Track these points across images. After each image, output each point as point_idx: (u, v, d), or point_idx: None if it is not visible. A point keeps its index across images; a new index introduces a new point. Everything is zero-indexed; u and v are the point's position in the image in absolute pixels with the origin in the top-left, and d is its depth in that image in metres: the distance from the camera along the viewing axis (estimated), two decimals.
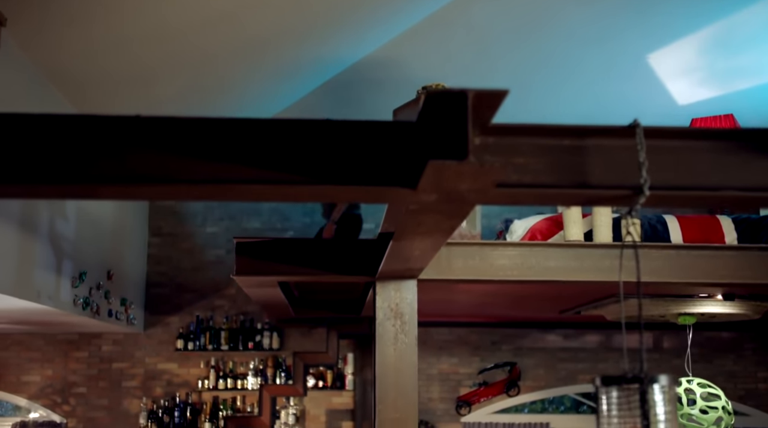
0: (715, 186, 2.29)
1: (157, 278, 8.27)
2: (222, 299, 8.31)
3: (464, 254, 4.18)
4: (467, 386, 8.35)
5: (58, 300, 5.51)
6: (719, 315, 5.78)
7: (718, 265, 4.21)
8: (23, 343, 8.11)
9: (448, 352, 8.38)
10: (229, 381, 8.01)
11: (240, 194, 2.27)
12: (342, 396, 8.21)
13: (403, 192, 2.23)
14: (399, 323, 4.06)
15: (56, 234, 5.49)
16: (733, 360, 8.41)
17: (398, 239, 3.00)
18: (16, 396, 8.04)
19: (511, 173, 2.27)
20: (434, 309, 6.28)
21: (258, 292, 4.81)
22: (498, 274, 4.15)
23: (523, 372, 8.38)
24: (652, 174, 2.18)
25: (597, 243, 4.25)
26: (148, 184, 2.18)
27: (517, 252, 4.20)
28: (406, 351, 4.05)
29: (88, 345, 8.13)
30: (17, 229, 4.81)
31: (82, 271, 5.99)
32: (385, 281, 4.07)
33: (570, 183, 2.28)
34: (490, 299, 5.69)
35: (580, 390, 8.49)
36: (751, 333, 8.47)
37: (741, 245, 4.28)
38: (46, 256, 5.30)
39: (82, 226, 6.09)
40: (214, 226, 8.46)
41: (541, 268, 4.20)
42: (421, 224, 2.71)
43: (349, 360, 8.12)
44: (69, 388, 8.09)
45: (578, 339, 8.47)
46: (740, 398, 8.35)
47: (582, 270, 4.19)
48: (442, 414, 8.26)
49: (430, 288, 4.76)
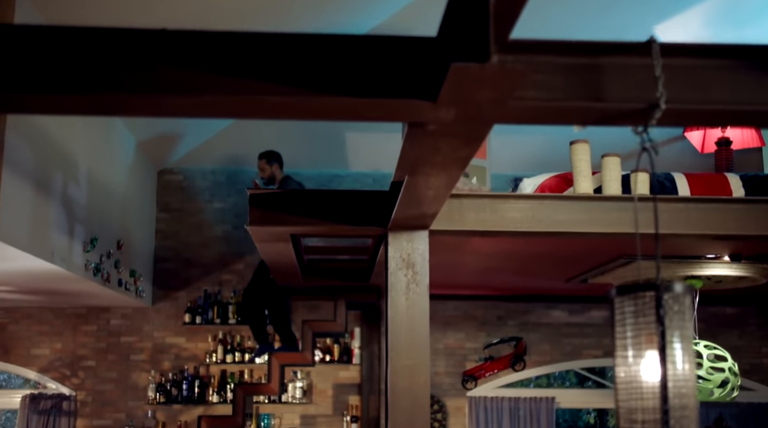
0: (729, 102, 2.34)
1: (165, 253, 8.33)
2: (230, 274, 8.36)
3: (476, 207, 4.23)
4: (473, 360, 8.40)
5: (71, 262, 5.56)
6: (726, 281, 5.83)
7: (726, 218, 4.25)
8: (33, 316, 8.17)
9: (454, 327, 8.43)
10: (236, 354, 8.06)
11: (265, 108, 2.31)
12: (349, 370, 8.26)
13: (422, 105, 2.28)
14: (411, 273, 4.11)
15: (68, 197, 5.55)
16: (738, 335, 8.45)
17: (413, 174, 3.05)
18: (26, 369, 8.09)
19: (528, 89, 2.33)
20: (442, 277, 6.32)
21: (270, 249, 4.85)
22: (509, 226, 4.20)
23: (529, 346, 8.43)
24: (667, 90, 2.22)
25: (607, 196, 4.30)
26: (176, 95, 2.24)
27: (528, 205, 4.25)
28: (417, 300, 4.10)
29: (96, 318, 8.19)
30: (32, 187, 4.86)
31: (94, 237, 6.04)
32: (397, 231, 4.12)
33: (586, 98, 2.33)
34: (498, 262, 5.73)
35: (586, 365, 8.54)
36: (756, 308, 8.52)
37: (749, 198, 4.33)
38: (58, 217, 5.35)
39: (93, 193, 6.14)
40: (222, 202, 8.51)
41: (550, 221, 4.25)
42: (437, 151, 2.75)
43: (356, 334, 8.17)
44: (78, 361, 8.14)
45: (584, 315, 8.52)
46: (745, 373, 8.38)
47: (591, 223, 4.24)
48: (448, 388, 8.31)
49: (440, 247, 4.81)
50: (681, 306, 2.19)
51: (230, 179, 8.52)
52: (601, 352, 8.48)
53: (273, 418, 8.09)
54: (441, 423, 8.19)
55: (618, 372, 2.21)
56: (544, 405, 8.20)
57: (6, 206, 4.32)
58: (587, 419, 10.18)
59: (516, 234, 4.26)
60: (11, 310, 8.12)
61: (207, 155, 8.29)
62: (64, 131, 5.47)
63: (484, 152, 4.68)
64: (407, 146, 3.10)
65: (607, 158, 4.44)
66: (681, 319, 2.19)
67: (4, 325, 8.08)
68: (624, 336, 2.22)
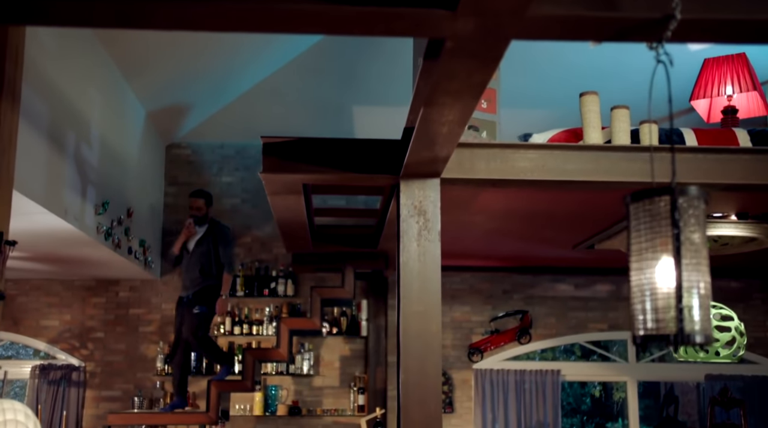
0: (746, 12, 2.39)
1: (173, 227, 8.37)
2: (238, 247, 8.41)
3: (486, 157, 4.28)
4: (479, 333, 8.46)
5: (83, 223, 5.62)
6: (732, 243, 5.88)
7: (734, 168, 4.30)
8: (42, 288, 8.23)
9: (461, 300, 8.49)
10: (244, 326, 8.12)
11: (286, 19, 2.36)
12: (356, 343, 8.31)
13: (442, 15, 2.33)
14: (422, 220, 4.16)
15: (81, 158, 5.60)
16: (743, 309, 8.48)
17: (429, 105, 3.10)
18: (36, 340, 8.16)
19: (543, 3, 2.38)
20: (450, 243, 6.37)
21: (281, 204, 4.90)
22: (518, 175, 4.25)
23: (535, 320, 8.48)
24: (683, 3, 2.26)
25: (617, 145, 4.35)
26: (200, 2, 2.28)
27: (538, 155, 4.30)
28: (429, 247, 4.15)
29: (105, 291, 8.25)
30: (46, 143, 4.92)
31: (105, 200, 6.10)
32: (409, 179, 4.17)
33: (603, 9, 2.38)
34: (506, 223, 5.78)
35: (591, 339, 8.59)
36: (760, 282, 8.57)
37: (757, 148, 4.37)
38: (72, 177, 5.40)
39: (105, 158, 6.20)
40: (230, 176, 8.56)
41: (560, 170, 4.30)
42: (454, 77, 2.80)
43: (363, 306, 8.23)
44: (87, 333, 8.21)
45: (589, 288, 8.56)
46: (750, 346, 8.40)
47: (600, 172, 4.29)
48: (454, 360, 8.37)
49: (450, 205, 4.86)
50: (696, 210, 2.24)
51: (238, 154, 8.58)
52: (606, 326, 8.54)
53: (281, 389, 8.15)
54: (447, 395, 8.25)
55: (632, 277, 2.25)
56: (549, 377, 8.25)
57: (22, 157, 4.37)
58: (593, 392, 10.25)
59: (525, 184, 4.31)
60: (21, 282, 8.18)
61: (215, 129, 8.34)
62: (77, 92, 5.52)
63: (494, 107, 4.72)
64: (423, 78, 3.15)
65: (616, 110, 4.48)
66: (695, 223, 2.23)
67: (14, 297, 8.14)
68: (639, 241, 2.27)
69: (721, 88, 6.23)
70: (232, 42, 6.77)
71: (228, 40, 6.71)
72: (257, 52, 7.33)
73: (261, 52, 7.36)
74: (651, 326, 2.21)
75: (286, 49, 7.45)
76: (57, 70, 5.12)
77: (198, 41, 6.52)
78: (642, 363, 8.65)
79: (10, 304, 8.10)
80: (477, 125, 4.67)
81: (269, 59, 7.51)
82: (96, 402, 8.04)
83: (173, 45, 6.42)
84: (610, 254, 6.67)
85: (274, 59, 7.54)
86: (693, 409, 10.55)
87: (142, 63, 6.66)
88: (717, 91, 6.23)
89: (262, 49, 7.31)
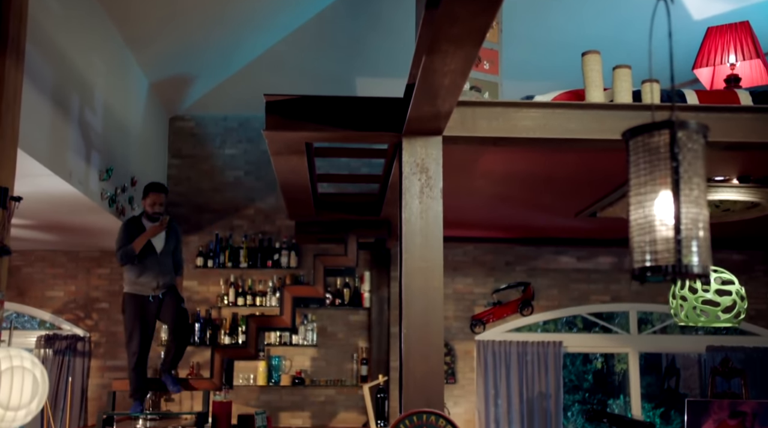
0: None
1: (176, 198, 8.41)
2: (241, 219, 8.46)
3: (488, 115, 4.29)
4: (482, 305, 8.50)
5: (88, 187, 5.65)
6: (734, 209, 5.90)
7: (736, 126, 4.32)
8: (47, 259, 8.28)
9: (463, 272, 8.52)
10: (248, 297, 8.17)
11: None
12: (359, 314, 8.36)
13: None
14: (425, 177, 4.19)
15: (85, 123, 5.63)
16: (745, 281, 8.49)
17: (431, 53, 3.11)
18: (41, 311, 8.22)
19: None
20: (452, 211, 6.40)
21: (284, 165, 4.92)
22: (521, 133, 4.27)
23: (537, 292, 8.52)
24: None
25: (619, 104, 4.36)
26: None
27: (540, 113, 4.32)
28: (431, 204, 4.18)
29: (109, 262, 8.29)
30: (50, 105, 4.94)
31: (109, 167, 6.13)
32: (411, 137, 4.19)
33: None
34: (508, 189, 5.80)
35: (593, 311, 8.63)
36: (762, 253, 8.59)
37: (757, 106, 4.38)
38: (76, 140, 5.43)
39: (109, 125, 6.23)
40: (233, 148, 8.59)
41: (562, 129, 4.32)
42: (456, 21, 2.82)
43: (366, 278, 8.27)
44: (92, 303, 8.26)
45: (591, 261, 8.59)
46: (751, 318, 8.48)
47: (603, 131, 4.31)
48: (456, 332, 8.41)
49: (452, 168, 4.88)
50: (695, 144, 2.26)
51: (242, 126, 8.60)
52: (609, 297, 8.57)
53: (284, 360, 8.20)
54: (450, 365, 8.30)
55: (632, 211, 2.26)
56: (551, 348, 8.30)
57: (26, 118, 4.39)
58: (595, 365, 10.30)
59: (528, 142, 4.32)
60: (26, 253, 8.23)
61: (218, 101, 8.36)
62: (81, 57, 5.54)
63: (497, 68, 4.74)
64: (425, 27, 3.16)
65: (618, 70, 4.49)
66: (695, 157, 2.25)
67: (19, 267, 8.19)
68: (638, 175, 2.28)
69: (724, 57, 6.23)
70: (235, 13, 6.78)
71: (230, 11, 6.72)
72: (260, 23, 7.33)
73: (264, 23, 7.36)
74: (650, 258, 2.22)
75: (289, 20, 7.45)
76: (61, 34, 5.14)
77: (201, 12, 6.53)
78: (644, 334, 8.69)
79: (16, 275, 8.15)
80: (479, 86, 4.68)
81: (272, 30, 7.51)
82: (101, 371, 8.11)
83: (177, 16, 6.43)
84: (612, 223, 6.69)
85: (277, 30, 7.54)
86: (695, 383, 10.59)
87: (145, 33, 6.67)
88: (720, 59, 6.23)
89: (265, 20, 7.31)
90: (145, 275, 6.20)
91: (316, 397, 8.21)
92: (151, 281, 6.22)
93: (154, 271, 6.22)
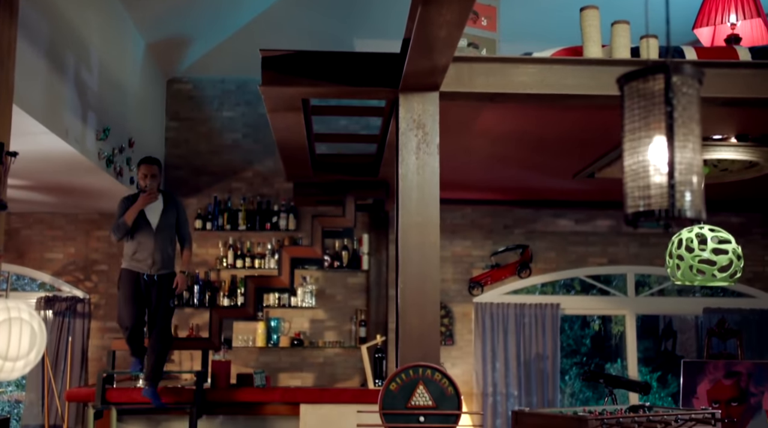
0: None
1: (175, 161, 8.41)
2: (239, 181, 8.46)
3: (486, 71, 4.27)
4: (480, 268, 8.53)
5: (84, 146, 5.64)
6: (732, 168, 5.90)
7: (734, 82, 4.30)
8: (45, 222, 8.30)
9: (461, 235, 8.54)
10: (246, 260, 8.19)
11: None
12: (357, 277, 8.39)
13: None
14: (421, 133, 4.18)
15: (81, 81, 5.60)
16: (743, 244, 8.49)
17: (427, 2, 3.09)
18: (41, 273, 8.25)
19: None
20: (450, 171, 6.40)
21: (281, 123, 4.91)
22: (518, 89, 4.25)
23: (535, 254, 8.54)
24: None
25: (616, 59, 4.33)
26: None
27: (537, 69, 4.29)
28: (428, 160, 4.17)
29: (108, 224, 8.27)
30: (46, 62, 4.91)
31: (106, 127, 6.11)
32: (408, 93, 4.17)
33: None
34: (506, 149, 5.79)
35: (591, 273, 8.66)
36: (761, 216, 8.61)
37: (756, 61, 4.36)
38: (72, 99, 5.41)
39: (105, 85, 6.19)
40: (231, 111, 8.56)
41: (559, 85, 4.30)
42: None
43: (365, 240, 8.29)
44: (91, 266, 8.29)
45: (589, 224, 8.61)
46: (748, 281, 8.52)
47: (600, 87, 4.29)
48: (455, 294, 8.45)
49: (450, 127, 4.87)
50: (690, 89, 2.24)
51: (240, 88, 8.56)
52: (606, 260, 8.60)
53: (283, 321, 8.25)
54: (448, 327, 8.35)
55: (626, 157, 2.25)
56: (549, 311, 8.34)
57: (22, 74, 4.37)
58: (593, 327, 10.37)
59: (525, 98, 4.31)
60: (25, 215, 8.24)
61: (216, 63, 8.31)
62: (76, 14, 5.50)
63: (494, 25, 4.70)
64: None
65: (617, 26, 4.46)
66: (689, 101, 2.23)
67: (18, 230, 8.21)
68: (633, 121, 2.27)
69: (724, 16, 6.17)
70: None
71: None
72: None
73: None
74: (643, 202, 2.21)
75: None
76: None
77: None
78: (641, 296, 8.73)
79: (15, 237, 8.17)
80: (477, 42, 4.65)
81: None
82: (101, 332, 8.16)
83: None
84: (610, 184, 6.69)
85: None
86: (692, 346, 10.68)
87: None
88: (720, 18, 6.18)
89: None
90: (140, 251, 6.01)
91: (315, 358, 8.28)
92: (147, 258, 6.01)
93: (149, 247, 6.01)
